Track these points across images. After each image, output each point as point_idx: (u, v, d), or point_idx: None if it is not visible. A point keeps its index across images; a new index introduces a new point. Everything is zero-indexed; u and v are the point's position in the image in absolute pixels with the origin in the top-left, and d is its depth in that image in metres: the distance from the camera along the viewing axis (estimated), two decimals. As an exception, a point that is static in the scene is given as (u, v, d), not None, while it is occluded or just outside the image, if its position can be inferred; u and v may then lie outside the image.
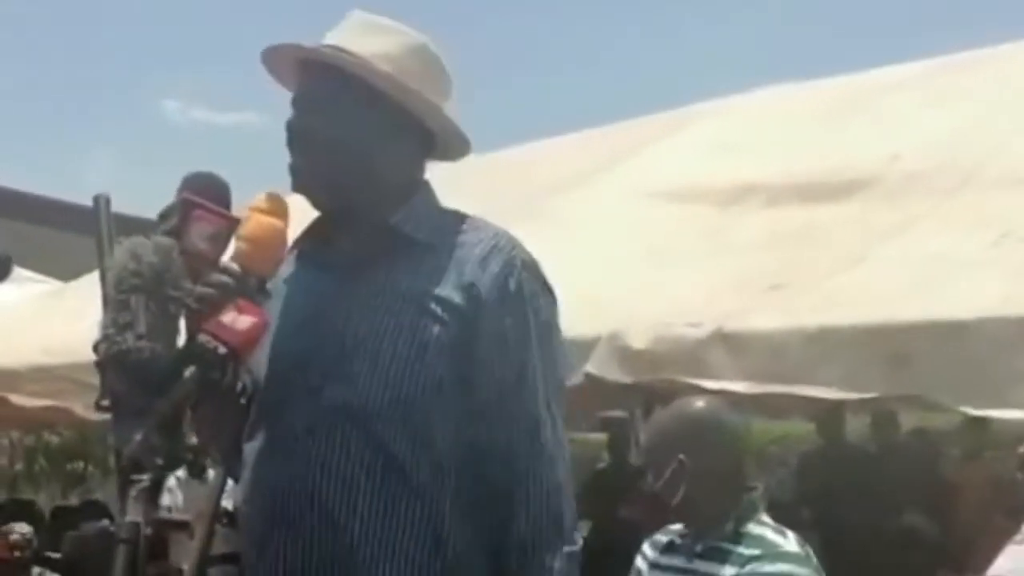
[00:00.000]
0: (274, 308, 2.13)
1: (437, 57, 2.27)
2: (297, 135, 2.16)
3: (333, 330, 2.09)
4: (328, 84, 2.15)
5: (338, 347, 2.08)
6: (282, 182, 2.12)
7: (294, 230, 2.16)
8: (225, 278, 1.97)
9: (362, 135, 2.16)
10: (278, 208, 2.08)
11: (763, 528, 2.83)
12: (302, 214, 2.20)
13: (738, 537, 2.79)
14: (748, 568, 2.70)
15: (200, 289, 1.95)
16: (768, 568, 2.70)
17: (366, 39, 2.18)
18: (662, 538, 3.06)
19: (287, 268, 2.21)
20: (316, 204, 2.16)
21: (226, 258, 2.04)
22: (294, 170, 2.15)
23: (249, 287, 1.99)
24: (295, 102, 2.19)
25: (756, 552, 2.73)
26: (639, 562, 3.08)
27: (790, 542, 2.78)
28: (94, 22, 58.41)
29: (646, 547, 3.10)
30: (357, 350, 2.07)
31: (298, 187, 2.14)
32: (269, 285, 2.09)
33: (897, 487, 7.02)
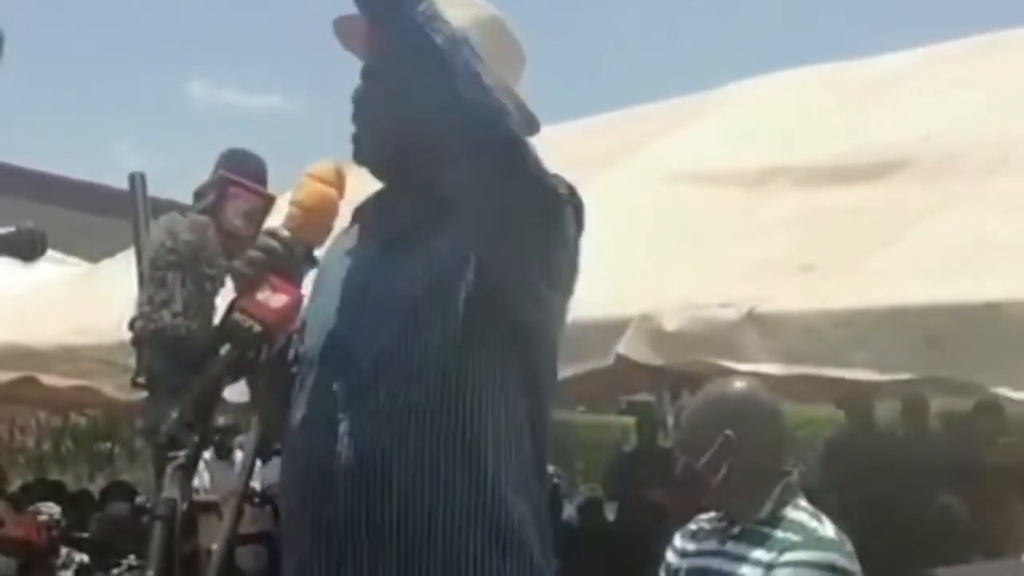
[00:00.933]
0: (335, 277, 2.16)
1: (510, 33, 2.25)
2: (360, 104, 2.18)
3: (376, 301, 2.08)
4: (393, 55, 2.11)
5: (379, 317, 2.08)
6: (308, 164, 2.11)
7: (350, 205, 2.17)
8: (274, 243, 1.98)
9: (418, 103, 2.14)
10: (336, 179, 2.08)
11: (800, 513, 2.80)
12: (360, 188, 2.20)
13: (775, 521, 2.77)
14: (787, 555, 2.68)
15: (251, 252, 1.96)
16: (805, 555, 2.68)
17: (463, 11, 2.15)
18: (692, 527, 3.04)
19: (348, 239, 2.23)
20: (374, 174, 2.18)
21: (278, 223, 2.04)
22: (356, 139, 2.17)
23: (296, 254, 2.00)
24: (365, 73, 2.20)
25: (794, 538, 2.71)
26: (670, 556, 3.05)
27: (827, 528, 2.76)
28: (121, 4, 58.60)
29: (677, 539, 3.07)
30: (395, 317, 2.07)
31: (358, 157, 2.17)
32: (317, 253, 2.09)
33: (928, 471, 6.98)
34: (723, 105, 6.01)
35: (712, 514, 2.99)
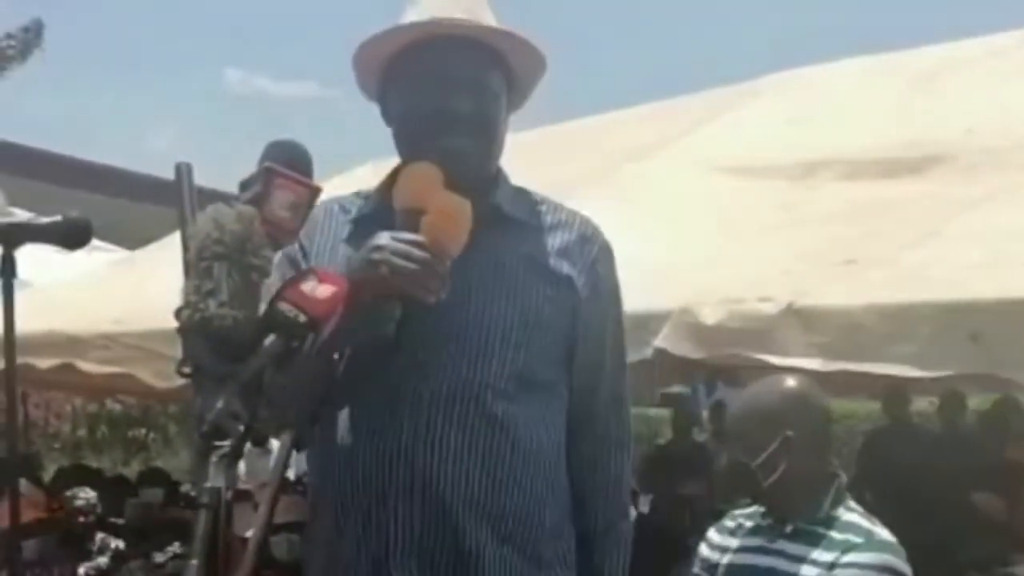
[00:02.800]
0: None
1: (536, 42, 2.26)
2: (471, 119, 2.10)
3: (444, 310, 2.03)
4: (484, 64, 2.12)
5: (446, 323, 2.07)
6: (342, 151, 2.09)
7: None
8: (426, 255, 1.91)
9: (504, 115, 2.16)
10: (447, 181, 2.00)
11: (852, 514, 2.78)
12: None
13: (830, 521, 2.75)
14: (849, 556, 2.66)
15: (399, 261, 1.90)
16: (867, 556, 2.66)
17: (479, 9, 2.14)
18: (729, 523, 3.01)
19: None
20: (458, 183, 2.03)
21: (418, 234, 1.94)
22: (464, 154, 2.07)
23: (444, 267, 1.94)
24: (460, 83, 2.10)
25: (855, 539, 2.69)
26: (705, 550, 3.02)
27: (883, 531, 2.74)
28: (157, -6, 58.86)
29: (713, 534, 3.04)
30: (465, 327, 2.08)
31: (465, 171, 2.06)
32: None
33: (966, 468, 6.93)
34: (766, 96, 5.99)
35: (750, 510, 2.97)
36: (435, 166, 2.01)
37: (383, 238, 1.93)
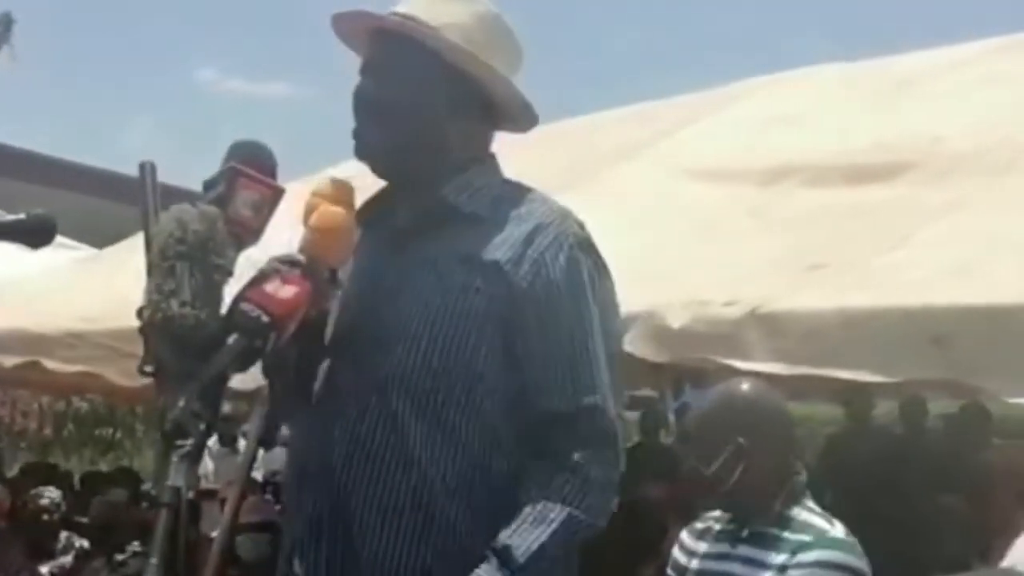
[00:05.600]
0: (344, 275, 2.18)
1: (508, 28, 2.27)
2: (364, 102, 2.18)
3: (380, 301, 2.11)
4: (398, 53, 2.16)
5: (382, 318, 2.12)
6: (315, 152, 2.15)
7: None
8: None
9: (428, 104, 2.17)
10: (343, 195, 2.09)
11: (809, 514, 2.80)
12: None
13: (784, 522, 2.76)
14: (799, 556, 2.67)
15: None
16: (818, 555, 2.67)
17: (437, 7, 2.19)
18: (700, 525, 3.02)
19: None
20: (376, 171, 2.18)
21: (295, 249, 2.05)
22: (358, 136, 2.17)
23: (321, 279, 2.02)
24: (364, 69, 2.21)
25: (805, 538, 2.70)
26: (677, 553, 3.03)
27: (838, 529, 2.75)
28: (130, -8, 58.60)
29: (685, 536, 3.05)
30: (399, 322, 2.10)
31: (361, 153, 2.17)
32: (341, 274, 2.12)
33: (930, 471, 6.98)
34: (738, 101, 6.01)
35: (719, 512, 2.98)
36: (343, 181, 2.10)
37: (268, 263, 2.01)
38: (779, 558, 2.69)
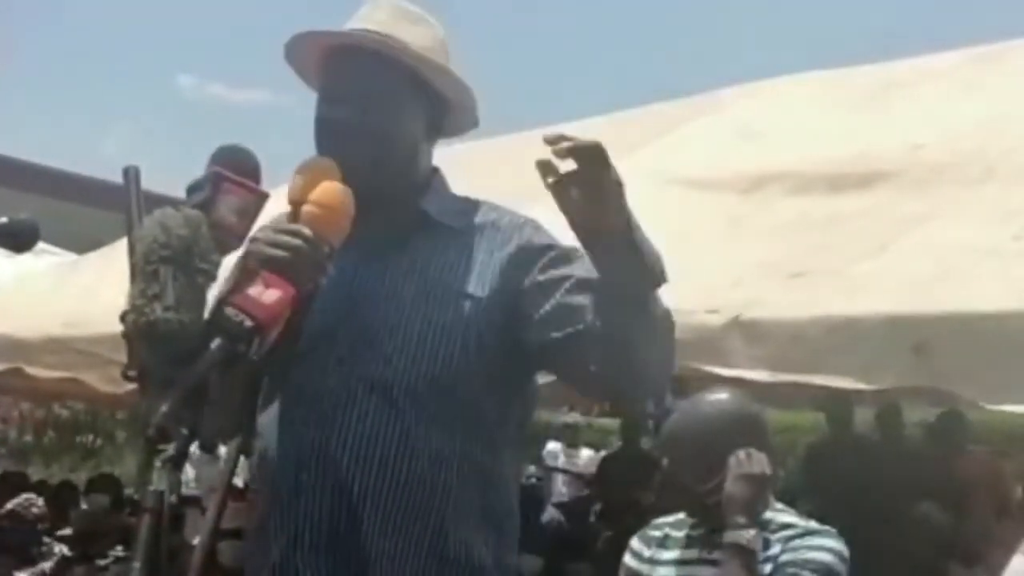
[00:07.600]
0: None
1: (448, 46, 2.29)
2: (347, 128, 2.15)
3: (363, 310, 2.12)
4: (378, 74, 2.16)
5: (366, 326, 2.13)
6: (295, 158, 2.11)
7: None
8: (298, 241, 1.94)
9: (408, 125, 2.20)
10: (334, 173, 2.06)
11: (780, 513, 2.85)
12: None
13: (763, 524, 2.79)
14: (794, 543, 2.72)
15: (270, 251, 1.94)
16: (813, 540, 2.74)
17: (404, 27, 2.20)
18: (655, 533, 3.03)
19: None
20: (352, 188, 2.07)
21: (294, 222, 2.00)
22: (342, 160, 2.08)
23: (321, 254, 1.97)
24: (335, 95, 2.19)
25: (789, 532, 2.76)
26: (631, 560, 3.04)
27: (811, 522, 2.81)
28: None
29: (636, 544, 3.06)
30: (385, 330, 2.12)
31: (352, 178, 2.07)
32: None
33: (909, 480, 7.00)
34: (719, 109, 6.02)
35: (673, 519, 3.00)
36: (331, 160, 2.07)
37: (260, 231, 1.99)
38: (771, 551, 2.73)
